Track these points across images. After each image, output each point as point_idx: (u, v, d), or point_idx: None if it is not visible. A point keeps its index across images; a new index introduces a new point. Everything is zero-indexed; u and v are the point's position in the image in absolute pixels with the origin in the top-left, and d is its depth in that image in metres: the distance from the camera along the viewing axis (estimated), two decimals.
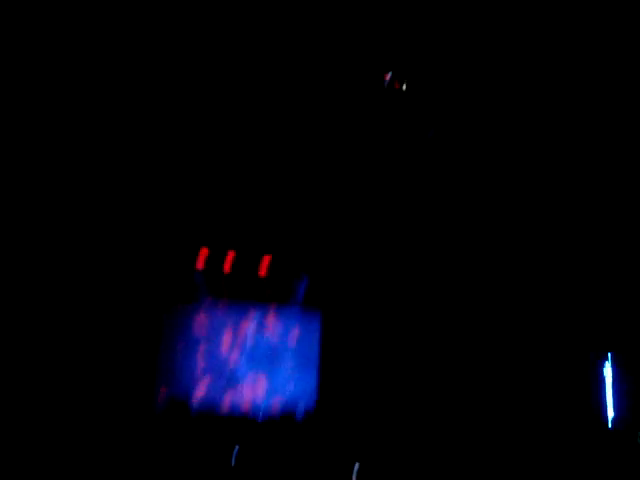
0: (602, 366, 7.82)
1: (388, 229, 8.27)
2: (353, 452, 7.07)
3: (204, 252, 7.76)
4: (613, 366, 7.77)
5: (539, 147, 7.45)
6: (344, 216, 8.21)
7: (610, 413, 7.60)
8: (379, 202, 8.05)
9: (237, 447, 6.52)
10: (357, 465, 6.65)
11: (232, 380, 7.85)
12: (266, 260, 8.24)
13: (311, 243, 8.34)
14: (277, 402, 7.95)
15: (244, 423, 6.91)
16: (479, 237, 8.14)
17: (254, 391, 7.94)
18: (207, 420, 6.95)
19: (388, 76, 6.25)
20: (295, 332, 8.33)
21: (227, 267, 8.05)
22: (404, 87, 6.18)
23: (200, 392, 7.59)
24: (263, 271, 8.30)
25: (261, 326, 8.23)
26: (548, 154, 7.45)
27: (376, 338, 8.19)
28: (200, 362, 7.76)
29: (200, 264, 7.74)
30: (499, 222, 8.06)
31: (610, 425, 7.57)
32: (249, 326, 8.17)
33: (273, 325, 8.27)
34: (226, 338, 7.98)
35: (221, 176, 7.48)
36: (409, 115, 6.68)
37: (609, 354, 7.77)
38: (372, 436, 7.41)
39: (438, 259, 8.23)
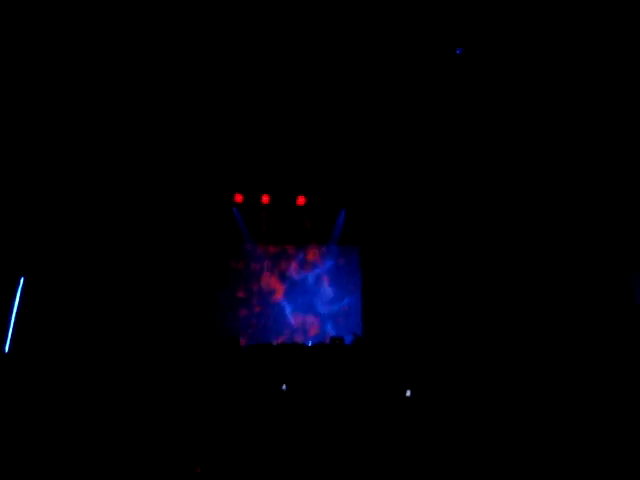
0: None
1: (421, 165, 8.24)
2: (401, 375, 7.44)
3: (240, 198, 8.24)
4: None
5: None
6: (378, 152, 8.23)
7: None
8: (416, 137, 7.99)
9: (288, 374, 7.16)
10: (409, 391, 6.96)
11: (281, 314, 8.52)
12: (302, 200, 8.56)
13: (347, 181, 8.47)
14: (325, 331, 8.54)
15: (295, 350, 7.53)
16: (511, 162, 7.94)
17: (302, 323, 8.57)
18: (259, 350, 7.64)
19: None
20: (336, 267, 8.76)
21: (264, 212, 8.51)
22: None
23: (250, 328, 8.34)
24: (301, 211, 8.67)
25: (303, 264, 8.72)
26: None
27: (413, 269, 8.38)
28: (251, 300, 8.46)
29: (240, 208, 8.27)
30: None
31: None
32: (292, 265, 8.69)
33: (315, 262, 8.74)
34: (272, 278, 8.58)
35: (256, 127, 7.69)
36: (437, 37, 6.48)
37: None
38: (418, 359, 7.74)
39: (476, 194, 8.15)
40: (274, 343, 8.10)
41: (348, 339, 8.15)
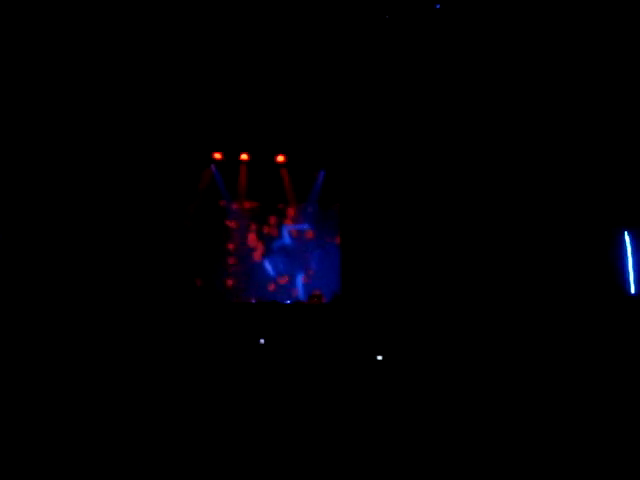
0: (623, 240, 7.82)
1: (400, 122, 8.20)
2: (377, 333, 7.64)
3: (219, 156, 8.16)
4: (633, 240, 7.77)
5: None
6: (355, 111, 8.15)
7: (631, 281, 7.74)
8: (393, 94, 7.92)
9: (267, 328, 7.32)
10: (380, 356, 7.11)
11: (260, 272, 8.61)
12: (282, 158, 8.52)
13: (325, 140, 8.40)
14: (304, 289, 8.68)
15: (274, 307, 7.67)
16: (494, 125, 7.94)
17: (281, 281, 8.68)
18: (239, 306, 7.77)
19: None
20: (316, 226, 8.81)
21: (244, 169, 8.46)
22: None
23: (232, 283, 8.42)
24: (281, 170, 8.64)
25: (283, 223, 8.76)
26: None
27: (392, 229, 8.45)
28: (230, 258, 8.52)
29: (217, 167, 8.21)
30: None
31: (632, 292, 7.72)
32: (272, 224, 8.72)
33: (294, 221, 8.78)
34: (251, 236, 8.62)
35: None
36: None
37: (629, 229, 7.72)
38: (394, 318, 7.92)
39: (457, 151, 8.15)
40: (253, 300, 8.20)
41: (327, 296, 8.29)
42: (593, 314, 7.33)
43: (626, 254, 7.95)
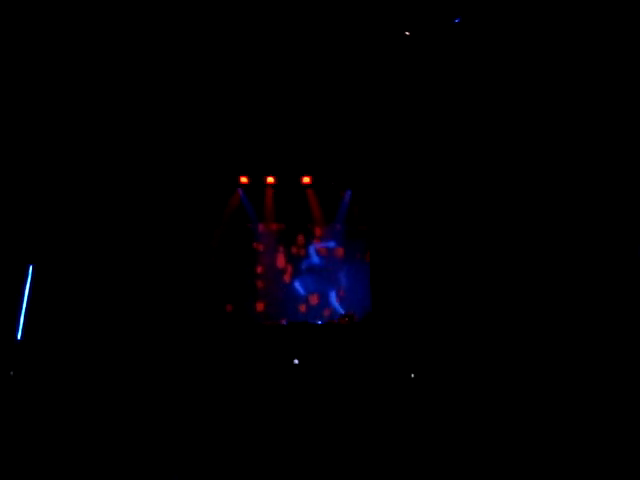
0: None
1: (424, 140, 8.17)
2: (409, 352, 7.47)
3: (245, 180, 8.24)
4: None
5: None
6: (379, 129, 8.17)
7: None
8: (417, 113, 7.92)
9: (300, 349, 7.22)
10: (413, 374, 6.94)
11: (291, 293, 8.54)
12: (307, 180, 8.54)
13: (350, 160, 8.42)
14: (334, 309, 8.56)
15: (305, 328, 7.57)
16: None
17: (312, 301, 8.59)
18: (271, 329, 7.69)
19: None
20: (345, 244, 8.76)
21: (270, 192, 8.51)
22: None
23: (262, 307, 8.37)
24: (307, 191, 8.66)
25: (312, 244, 8.73)
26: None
27: (420, 245, 8.33)
28: (259, 282, 8.49)
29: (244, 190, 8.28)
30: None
31: None
32: (300, 244, 8.70)
33: (322, 240, 8.74)
34: (280, 257, 8.60)
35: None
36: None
37: None
38: (424, 335, 7.74)
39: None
40: (284, 322, 8.13)
41: (359, 314, 8.18)
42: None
43: None
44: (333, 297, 8.62)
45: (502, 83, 7.32)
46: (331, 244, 8.71)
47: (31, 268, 7.02)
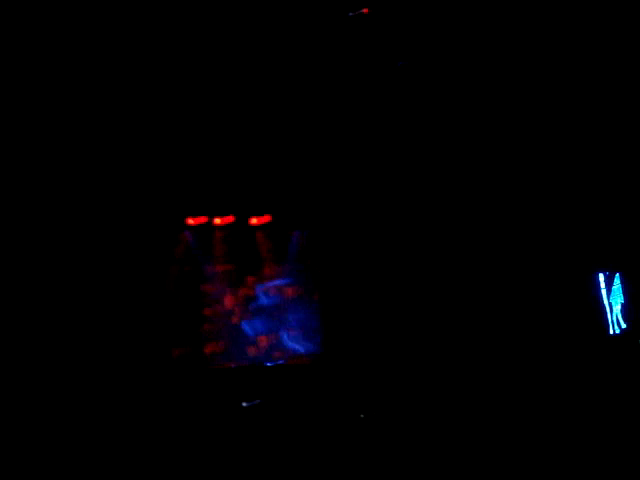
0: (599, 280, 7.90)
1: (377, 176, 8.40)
2: (361, 391, 7.46)
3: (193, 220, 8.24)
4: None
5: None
6: (328, 171, 8.40)
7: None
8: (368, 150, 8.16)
9: (248, 391, 7.11)
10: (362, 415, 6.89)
11: (239, 335, 8.43)
12: (258, 220, 8.62)
13: (304, 201, 8.55)
14: (284, 350, 8.49)
15: (253, 370, 7.47)
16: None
17: (261, 343, 8.50)
18: (218, 372, 7.55)
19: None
20: (294, 286, 8.78)
21: (219, 233, 8.53)
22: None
23: (210, 350, 8.20)
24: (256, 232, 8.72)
25: (261, 285, 8.71)
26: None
27: (373, 287, 8.42)
28: (206, 324, 8.35)
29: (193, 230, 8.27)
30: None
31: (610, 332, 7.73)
32: (249, 285, 8.67)
33: (271, 280, 8.75)
34: (228, 299, 8.52)
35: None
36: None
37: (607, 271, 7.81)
38: (379, 375, 7.75)
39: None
40: (232, 365, 7.99)
41: (307, 356, 8.17)
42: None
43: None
44: (284, 337, 8.57)
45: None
46: (281, 284, 8.74)
47: None
